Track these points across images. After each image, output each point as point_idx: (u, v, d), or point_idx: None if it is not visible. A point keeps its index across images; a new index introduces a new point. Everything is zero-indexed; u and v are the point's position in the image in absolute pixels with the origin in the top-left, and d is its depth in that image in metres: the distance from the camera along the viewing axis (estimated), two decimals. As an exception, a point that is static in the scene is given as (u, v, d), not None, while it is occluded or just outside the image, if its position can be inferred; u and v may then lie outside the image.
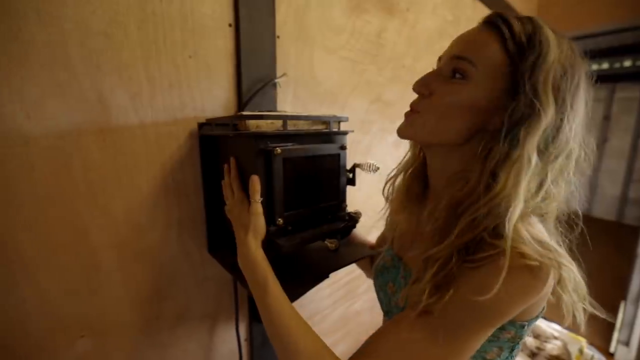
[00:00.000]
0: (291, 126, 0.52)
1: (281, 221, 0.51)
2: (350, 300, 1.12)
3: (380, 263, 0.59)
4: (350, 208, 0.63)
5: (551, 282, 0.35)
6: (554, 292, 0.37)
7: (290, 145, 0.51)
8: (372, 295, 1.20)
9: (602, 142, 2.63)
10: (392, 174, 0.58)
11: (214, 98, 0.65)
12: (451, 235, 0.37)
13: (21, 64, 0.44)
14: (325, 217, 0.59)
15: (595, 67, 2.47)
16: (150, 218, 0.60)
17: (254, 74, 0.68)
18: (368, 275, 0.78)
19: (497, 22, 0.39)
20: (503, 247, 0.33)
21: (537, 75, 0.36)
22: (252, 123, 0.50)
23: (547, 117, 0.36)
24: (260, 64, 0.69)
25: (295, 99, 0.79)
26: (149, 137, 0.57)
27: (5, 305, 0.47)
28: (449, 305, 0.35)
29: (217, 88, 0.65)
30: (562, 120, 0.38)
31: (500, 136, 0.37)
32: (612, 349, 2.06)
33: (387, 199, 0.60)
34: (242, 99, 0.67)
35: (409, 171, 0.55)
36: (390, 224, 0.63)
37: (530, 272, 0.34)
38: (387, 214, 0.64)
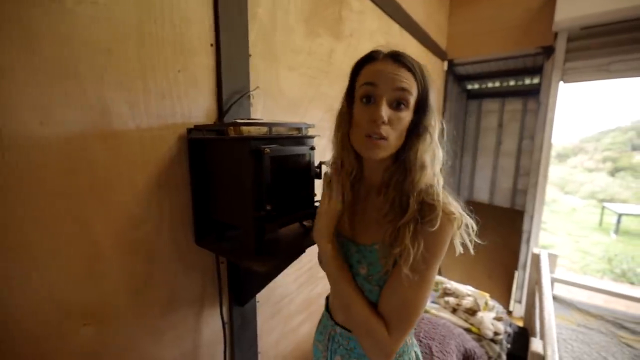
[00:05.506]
0: (274, 131, 0.66)
1: (269, 207, 0.64)
2: (312, 285, 1.27)
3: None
4: (317, 197, 0.79)
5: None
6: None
7: (274, 146, 0.65)
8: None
9: (498, 145, 3.30)
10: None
11: (199, 107, 0.74)
12: (409, 207, 0.55)
13: (37, 76, 0.50)
14: (300, 204, 0.74)
15: (490, 84, 3.14)
16: (144, 211, 0.66)
17: (231, 87, 0.80)
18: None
19: (406, 63, 0.56)
20: (440, 208, 0.53)
21: (432, 97, 0.57)
22: (244, 129, 0.62)
23: (439, 122, 0.58)
24: (237, 78, 0.81)
25: (265, 109, 0.92)
26: (145, 140, 0.65)
27: (19, 296, 0.50)
28: (424, 254, 0.53)
29: (201, 98, 0.75)
30: (440, 122, 0.60)
31: (420, 138, 0.57)
32: (511, 308, 2.62)
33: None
34: (222, 108, 0.78)
35: (353, 176, 0.64)
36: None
37: (454, 222, 0.54)
38: None
